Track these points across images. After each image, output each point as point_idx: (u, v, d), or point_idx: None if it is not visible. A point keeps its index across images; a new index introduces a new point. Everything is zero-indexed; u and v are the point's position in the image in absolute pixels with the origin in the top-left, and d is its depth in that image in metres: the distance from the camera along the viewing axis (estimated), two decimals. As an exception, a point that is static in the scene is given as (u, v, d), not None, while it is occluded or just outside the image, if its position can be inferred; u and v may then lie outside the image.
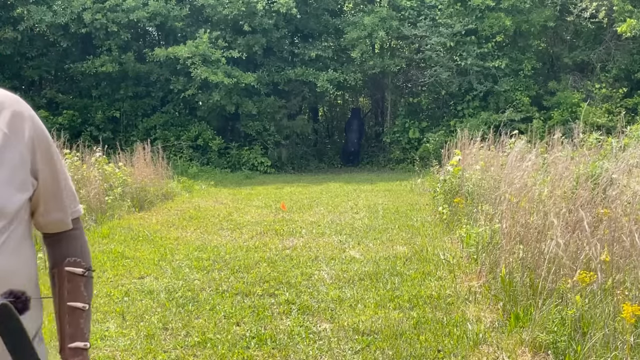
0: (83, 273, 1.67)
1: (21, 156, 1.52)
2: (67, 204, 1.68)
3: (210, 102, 19.18)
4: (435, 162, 13.17)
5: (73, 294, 1.66)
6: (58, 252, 1.69)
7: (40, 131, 1.59)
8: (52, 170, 1.62)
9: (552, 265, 4.57)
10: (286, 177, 18.54)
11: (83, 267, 1.68)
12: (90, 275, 1.70)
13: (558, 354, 4.02)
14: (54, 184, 1.64)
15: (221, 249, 7.69)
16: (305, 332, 4.75)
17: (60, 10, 18.43)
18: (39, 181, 1.59)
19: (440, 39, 19.71)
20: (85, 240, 1.75)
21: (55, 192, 1.64)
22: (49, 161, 1.61)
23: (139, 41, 21.44)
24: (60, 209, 1.66)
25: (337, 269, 6.64)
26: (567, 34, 20.68)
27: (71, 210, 1.69)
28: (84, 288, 1.67)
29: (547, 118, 18.65)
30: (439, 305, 5.32)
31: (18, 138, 1.53)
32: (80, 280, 1.67)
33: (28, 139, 1.54)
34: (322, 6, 20.99)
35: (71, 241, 1.71)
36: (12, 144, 1.52)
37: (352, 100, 25.44)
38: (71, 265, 1.67)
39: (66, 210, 1.67)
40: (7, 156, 1.50)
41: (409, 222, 9.46)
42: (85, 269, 1.68)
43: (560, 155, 6.63)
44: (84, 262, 1.69)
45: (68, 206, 1.68)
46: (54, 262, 1.69)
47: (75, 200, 1.72)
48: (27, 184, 1.55)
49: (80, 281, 1.67)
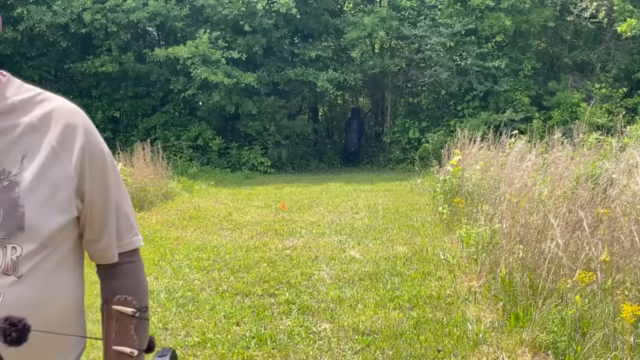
0: (133, 314, 1.48)
1: (66, 174, 1.38)
2: (117, 233, 1.49)
3: (210, 102, 19.17)
4: (435, 162, 13.17)
5: (120, 337, 1.46)
6: (108, 287, 1.51)
7: (95, 148, 1.43)
8: (103, 193, 1.45)
9: (552, 265, 4.57)
10: (286, 177, 18.54)
11: (134, 307, 1.48)
12: (143, 317, 1.50)
13: (558, 354, 4.02)
14: (103, 209, 1.45)
15: (221, 249, 7.69)
16: (305, 332, 4.75)
17: (60, 10, 18.42)
18: (85, 203, 1.42)
19: (440, 39, 19.70)
20: (141, 277, 1.55)
21: (103, 217, 1.45)
22: (100, 182, 1.44)
23: (139, 41, 21.43)
24: (106, 237, 1.47)
25: (337, 269, 6.64)
26: (567, 34, 20.67)
27: (125, 241, 1.51)
28: (134, 331, 1.47)
29: (547, 118, 18.65)
30: (439, 305, 5.32)
31: (67, 154, 1.38)
32: (130, 322, 1.47)
33: (77, 155, 1.39)
34: (322, 6, 20.99)
35: (123, 276, 1.51)
36: (60, 160, 1.38)
37: (352, 100, 25.43)
38: (120, 304, 1.48)
39: (111, 241, 1.48)
40: (50, 173, 1.36)
41: (409, 222, 9.46)
42: (137, 309, 1.48)
43: (560, 155, 6.64)
44: (135, 301, 1.49)
45: (117, 236, 1.49)
46: (104, 298, 1.51)
47: (132, 230, 1.52)
48: (71, 206, 1.39)
49: (130, 323, 1.47)
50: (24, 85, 1.43)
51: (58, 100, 1.43)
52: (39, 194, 1.34)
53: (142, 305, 1.50)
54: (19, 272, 1.33)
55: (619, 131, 8.81)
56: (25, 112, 1.38)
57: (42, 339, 1.30)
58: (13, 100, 1.38)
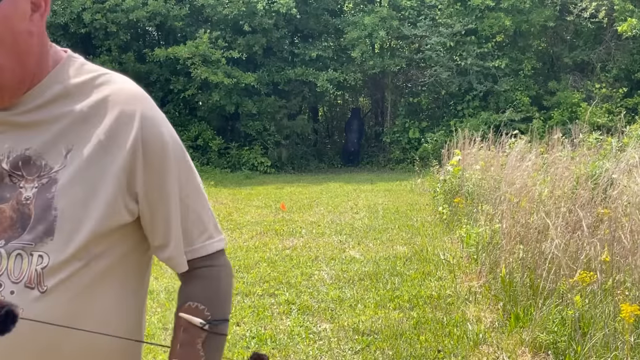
0: (202, 326, 1.24)
1: (113, 172, 1.16)
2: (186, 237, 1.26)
3: (210, 102, 19.17)
4: (435, 162, 13.17)
5: (185, 349, 1.24)
6: (182, 292, 1.30)
7: (152, 139, 1.20)
8: (162, 192, 1.22)
9: (552, 265, 4.57)
10: (286, 177, 18.54)
11: (205, 318, 1.25)
12: (216, 330, 1.26)
13: (558, 354, 4.02)
14: (164, 210, 1.23)
15: (221, 249, 7.68)
16: (305, 332, 4.75)
17: (60, 10, 18.42)
18: (141, 206, 1.21)
19: (440, 39, 19.70)
20: (221, 285, 1.30)
21: (165, 220, 1.23)
22: (159, 180, 1.21)
23: (139, 41, 21.43)
24: (173, 243, 1.25)
25: (337, 269, 6.64)
26: (567, 34, 20.67)
27: (196, 246, 1.27)
28: (201, 345, 1.24)
29: (547, 118, 18.65)
30: (439, 306, 5.32)
31: (116, 148, 1.17)
32: (198, 335, 1.24)
33: (129, 149, 1.17)
34: (322, 6, 20.98)
35: (198, 281, 1.28)
36: (107, 155, 1.17)
37: (352, 100, 25.41)
38: (189, 312, 1.25)
39: (179, 246, 1.25)
40: (93, 172, 1.16)
41: (409, 222, 9.46)
42: (208, 321, 1.25)
43: (560, 155, 6.64)
44: (208, 312, 1.25)
45: (186, 240, 1.26)
46: (178, 305, 1.29)
47: (205, 232, 1.29)
48: (117, 210, 1.18)
49: (198, 335, 1.24)
50: (86, 66, 1.24)
51: (118, 84, 1.22)
52: (76, 195, 1.15)
53: (217, 317, 1.26)
54: (44, 285, 1.13)
55: (619, 131, 8.81)
56: (79, 99, 1.18)
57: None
58: (68, 83, 1.19)
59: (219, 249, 1.32)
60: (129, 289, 1.26)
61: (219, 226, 1.34)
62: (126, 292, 1.25)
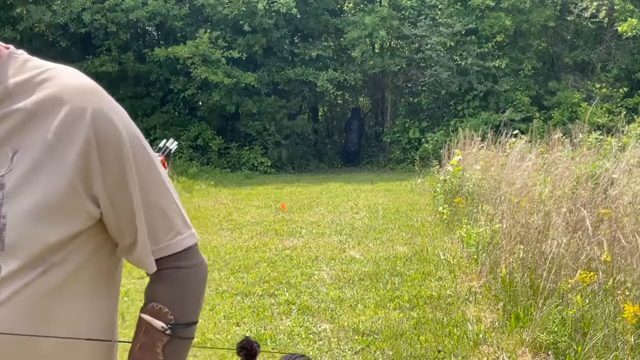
0: (163, 330, 1.15)
1: (63, 174, 1.07)
2: (152, 235, 1.17)
3: (210, 102, 19.17)
4: (435, 162, 13.16)
5: (144, 352, 1.16)
6: (147, 293, 1.21)
7: (106, 135, 1.10)
8: (122, 190, 1.13)
9: (553, 265, 4.57)
10: (286, 177, 18.54)
11: (167, 321, 1.16)
12: (179, 334, 1.17)
13: (558, 354, 4.01)
14: (127, 209, 1.14)
15: (221, 249, 7.68)
16: (305, 332, 4.74)
17: (60, 10, 18.41)
18: (102, 207, 1.12)
19: (440, 39, 19.70)
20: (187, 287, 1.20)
21: (129, 219, 1.15)
22: (117, 178, 1.12)
23: (139, 41, 21.42)
24: (135, 243, 1.16)
25: (337, 269, 6.63)
26: (568, 34, 20.66)
27: (163, 244, 1.18)
28: (161, 349, 1.15)
29: (547, 118, 18.64)
30: (439, 306, 5.31)
31: (65, 148, 1.07)
32: (159, 338, 1.16)
33: (82, 147, 1.08)
34: (322, 6, 20.98)
35: (163, 282, 1.19)
36: (55, 157, 1.07)
37: (352, 100, 25.40)
38: (152, 313, 1.16)
39: (145, 246, 1.17)
40: (41, 175, 1.06)
41: (409, 222, 9.46)
42: (170, 325, 1.16)
43: (560, 155, 6.63)
44: (171, 315, 1.16)
45: (152, 239, 1.17)
46: (143, 304, 1.20)
47: (173, 229, 1.19)
48: (74, 214, 1.09)
49: (159, 339, 1.16)
50: (30, 62, 1.15)
51: (64, 78, 1.12)
52: (25, 201, 1.05)
53: (181, 321, 1.18)
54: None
55: (619, 131, 8.80)
56: (22, 98, 1.09)
57: None
58: (8, 83, 1.10)
59: (188, 245, 1.21)
60: (99, 292, 1.18)
61: (188, 221, 1.24)
62: (95, 295, 1.18)
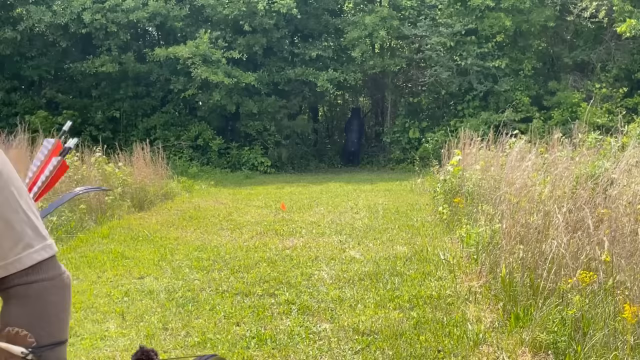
0: (24, 355, 1.06)
1: None
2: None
3: (211, 102, 19.17)
4: (435, 162, 13.16)
5: None
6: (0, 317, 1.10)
7: None
8: None
9: (553, 265, 4.57)
10: (286, 177, 18.54)
11: (27, 345, 1.07)
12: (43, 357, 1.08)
13: (558, 354, 4.02)
14: None
15: (221, 249, 7.69)
16: (305, 332, 4.75)
17: (60, 11, 18.42)
18: None
19: (440, 39, 19.70)
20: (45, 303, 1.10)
21: None
22: None
23: (139, 41, 21.43)
24: None
25: (337, 269, 6.64)
26: (567, 34, 20.66)
27: (10, 259, 1.09)
28: None
29: (547, 118, 18.65)
30: (439, 306, 5.31)
31: None
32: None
33: None
34: (322, 6, 20.98)
35: (17, 302, 1.09)
36: None
37: (352, 100, 25.40)
38: (9, 339, 1.07)
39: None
40: None
41: (409, 222, 9.46)
42: (31, 349, 1.06)
43: (560, 155, 6.63)
44: (31, 337, 1.07)
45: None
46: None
47: (20, 242, 1.10)
48: None
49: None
50: None
51: None
52: None
53: (43, 342, 1.07)
54: None
55: (619, 131, 8.80)
56: None
57: None
58: None
59: (42, 259, 1.11)
60: None
61: (43, 231, 1.14)
62: None
